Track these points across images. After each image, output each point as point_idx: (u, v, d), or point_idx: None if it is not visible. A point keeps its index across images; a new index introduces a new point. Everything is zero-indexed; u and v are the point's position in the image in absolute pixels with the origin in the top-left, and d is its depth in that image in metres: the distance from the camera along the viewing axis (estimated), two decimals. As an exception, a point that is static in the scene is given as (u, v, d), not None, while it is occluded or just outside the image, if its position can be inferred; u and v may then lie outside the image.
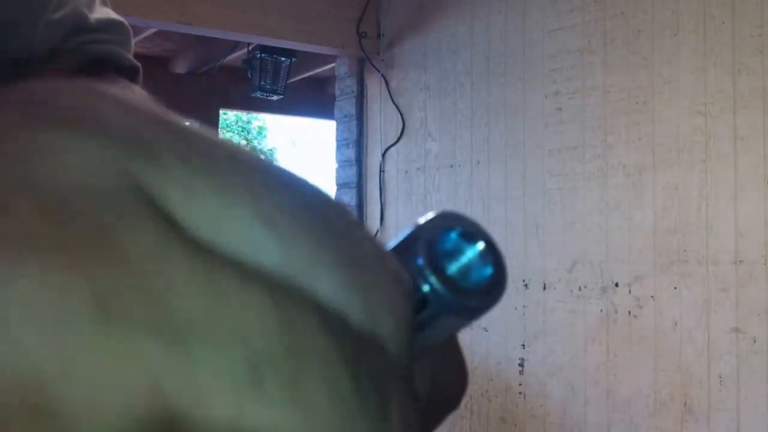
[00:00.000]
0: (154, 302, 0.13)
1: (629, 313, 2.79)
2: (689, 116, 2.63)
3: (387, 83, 3.86)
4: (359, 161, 4.04)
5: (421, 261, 0.20)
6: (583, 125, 2.96)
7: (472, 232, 0.21)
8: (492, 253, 0.21)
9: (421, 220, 0.21)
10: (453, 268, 0.21)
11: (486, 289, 0.21)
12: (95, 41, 0.50)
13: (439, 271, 0.20)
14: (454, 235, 0.21)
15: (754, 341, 2.44)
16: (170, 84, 5.68)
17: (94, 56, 0.50)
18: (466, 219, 0.21)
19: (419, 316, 0.20)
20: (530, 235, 3.14)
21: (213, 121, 6.21)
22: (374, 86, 3.96)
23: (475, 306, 0.20)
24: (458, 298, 0.20)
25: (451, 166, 3.52)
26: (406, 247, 0.21)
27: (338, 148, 4.16)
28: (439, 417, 0.25)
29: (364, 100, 4.05)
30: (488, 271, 0.21)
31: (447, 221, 0.21)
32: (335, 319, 0.15)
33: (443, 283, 0.20)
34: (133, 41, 0.54)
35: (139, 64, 0.53)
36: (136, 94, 0.48)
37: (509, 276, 0.22)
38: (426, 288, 0.20)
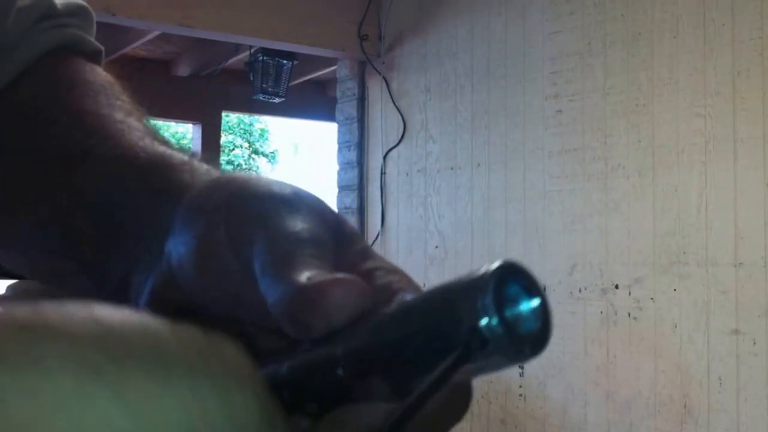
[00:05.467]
0: None
1: (629, 314, 2.79)
2: (689, 118, 2.64)
3: (388, 85, 3.87)
4: (360, 163, 4.05)
5: (487, 301, 0.23)
6: (583, 127, 2.97)
7: (531, 287, 0.24)
8: (544, 311, 0.24)
9: (491, 267, 0.24)
10: (510, 313, 0.24)
11: (534, 339, 0.24)
12: (61, 25, 0.52)
13: (500, 312, 0.23)
14: (516, 287, 0.24)
15: (754, 343, 2.45)
16: (172, 87, 5.70)
17: (60, 41, 0.51)
18: (530, 274, 0.24)
19: (472, 350, 0.23)
20: (530, 237, 3.15)
21: (215, 124, 6.23)
22: (375, 89, 3.97)
23: (521, 351, 0.23)
24: (510, 340, 0.23)
25: (452, 168, 3.52)
26: (472, 285, 0.24)
27: (339, 150, 4.17)
28: (445, 428, 0.28)
29: (365, 102, 4.06)
30: (538, 324, 0.24)
31: (513, 272, 0.24)
32: None
33: (502, 324, 0.23)
34: (95, 24, 0.56)
35: (102, 47, 0.55)
36: (98, 76, 0.49)
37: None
38: (484, 323, 0.23)
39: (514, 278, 0.24)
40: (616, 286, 2.84)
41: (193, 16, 3.55)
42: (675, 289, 2.66)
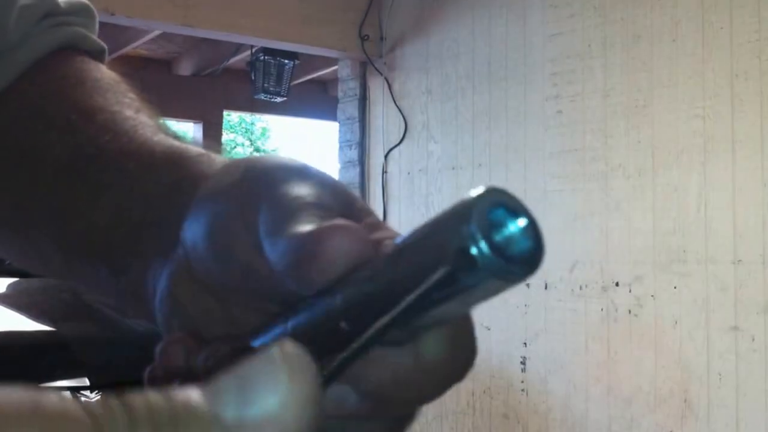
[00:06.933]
0: None
1: (629, 311, 2.83)
2: (688, 119, 2.68)
3: (389, 86, 3.89)
4: (362, 162, 4.08)
5: (473, 228, 0.23)
6: (583, 128, 3.01)
7: (517, 208, 0.24)
8: (533, 230, 0.24)
9: (473, 193, 0.24)
10: (499, 237, 0.23)
11: (527, 259, 0.24)
12: (65, 23, 0.52)
13: (488, 238, 0.23)
14: (502, 210, 0.24)
15: (753, 339, 2.49)
16: (174, 86, 5.72)
17: (64, 39, 0.52)
18: (514, 197, 0.24)
19: (466, 277, 0.23)
20: (532, 235, 3.17)
21: (217, 123, 6.25)
22: (377, 89, 4.00)
23: (516, 271, 0.23)
24: (503, 263, 0.23)
25: (453, 169, 3.56)
26: (457, 214, 0.24)
27: (341, 149, 4.20)
28: (446, 385, 0.29)
29: (367, 102, 4.08)
30: (529, 244, 0.24)
31: (497, 196, 0.24)
32: None
33: (492, 249, 0.23)
34: (98, 22, 0.56)
35: (105, 46, 0.55)
36: (105, 73, 0.49)
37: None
38: (474, 251, 0.23)
39: (499, 202, 0.24)
40: (617, 284, 2.87)
41: (194, 16, 3.57)
42: (675, 287, 2.70)
